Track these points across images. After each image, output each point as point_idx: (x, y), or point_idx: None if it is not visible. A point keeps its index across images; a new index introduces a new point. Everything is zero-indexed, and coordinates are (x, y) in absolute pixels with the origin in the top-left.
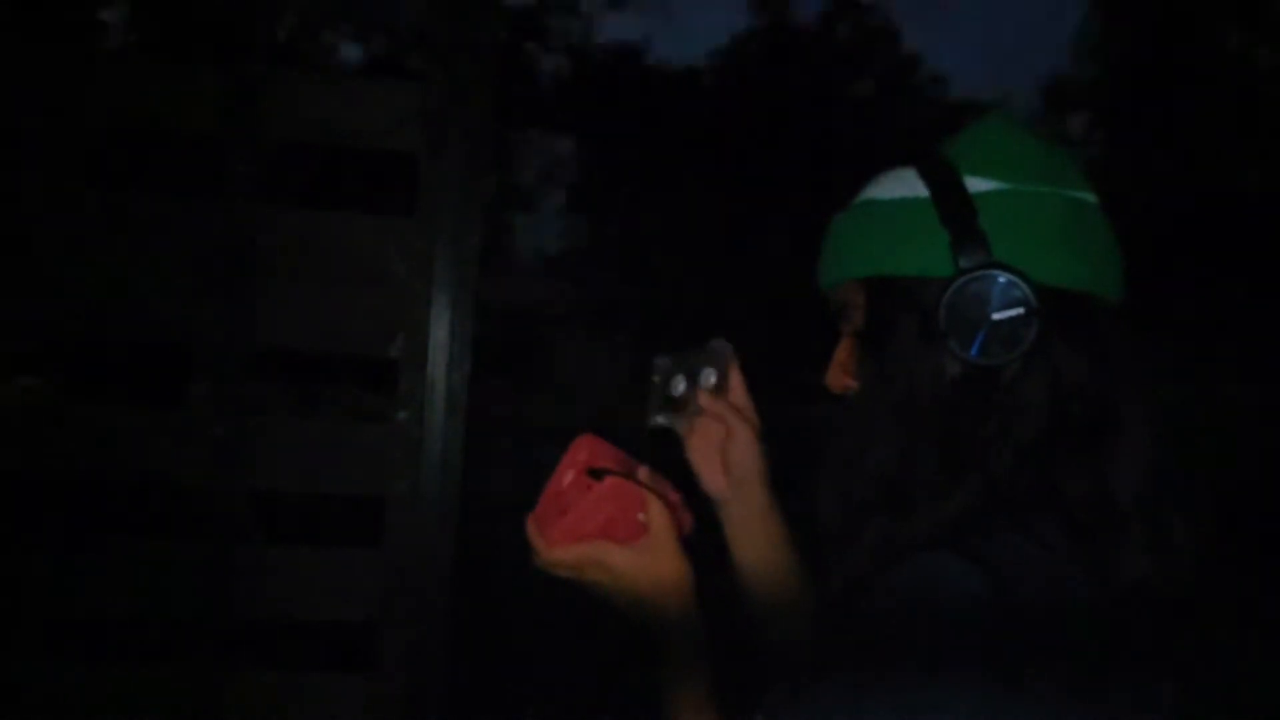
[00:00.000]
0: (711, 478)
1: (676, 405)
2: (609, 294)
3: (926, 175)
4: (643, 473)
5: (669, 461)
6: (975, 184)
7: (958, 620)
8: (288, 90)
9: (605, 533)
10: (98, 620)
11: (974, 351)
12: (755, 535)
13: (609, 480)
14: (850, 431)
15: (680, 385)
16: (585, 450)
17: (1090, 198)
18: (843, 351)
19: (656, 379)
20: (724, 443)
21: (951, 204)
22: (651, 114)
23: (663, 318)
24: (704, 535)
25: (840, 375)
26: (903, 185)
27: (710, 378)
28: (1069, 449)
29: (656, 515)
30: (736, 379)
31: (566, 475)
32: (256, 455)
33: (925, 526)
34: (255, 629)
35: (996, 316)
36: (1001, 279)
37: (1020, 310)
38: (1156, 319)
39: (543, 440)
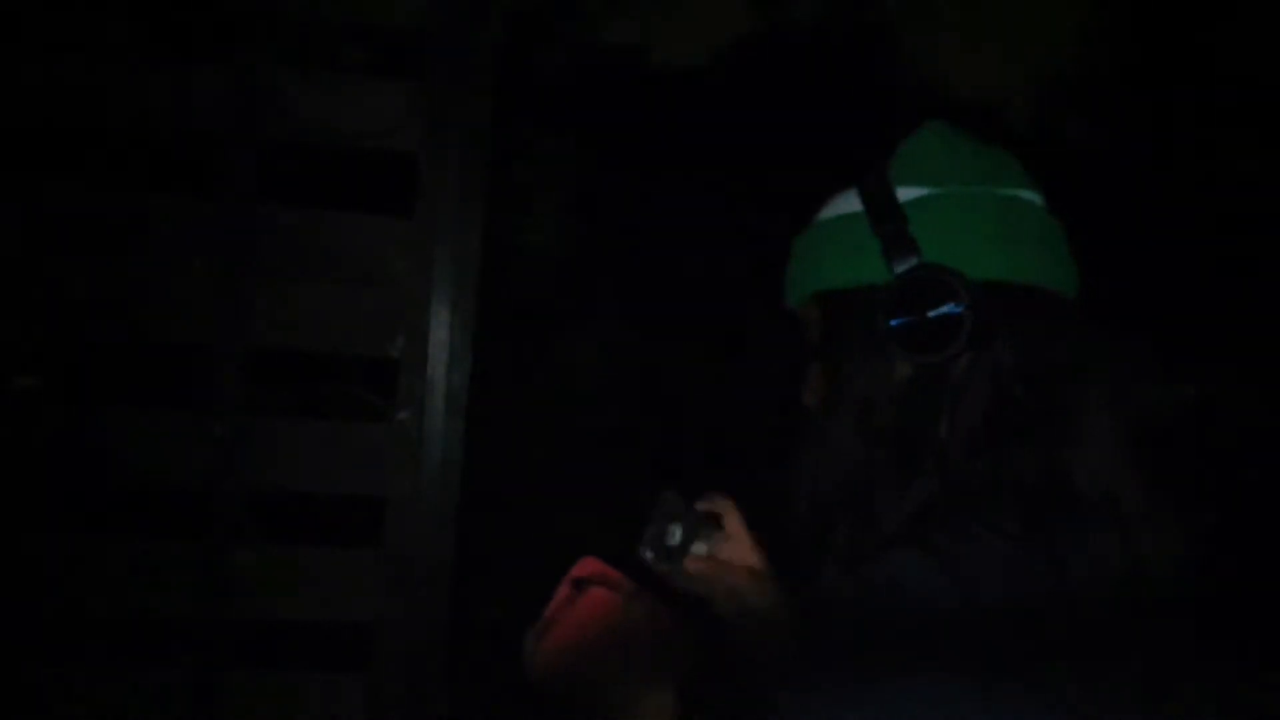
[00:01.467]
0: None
1: (669, 552)
2: (609, 294)
3: (860, 189)
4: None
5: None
6: (906, 193)
7: (920, 619)
8: (288, 90)
9: (582, 632)
10: (97, 620)
11: (916, 350)
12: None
13: (591, 589)
14: (811, 441)
15: (676, 536)
16: (580, 568)
17: (1029, 195)
18: (813, 370)
19: (656, 515)
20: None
21: (880, 213)
22: (652, 114)
23: (663, 317)
24: None
25: (810, 394)
26: (844, 204)
27: (701, 548)
28: (1017, 435)
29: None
30: (735, 527)
31: (561, 591)
32: (256, 455)
33: (888, 525)
34: (255, 629)
35: (932, 314)
36: (932, 277)
37: (952, 306)
38: (1154, 317)
39: (543, 440)
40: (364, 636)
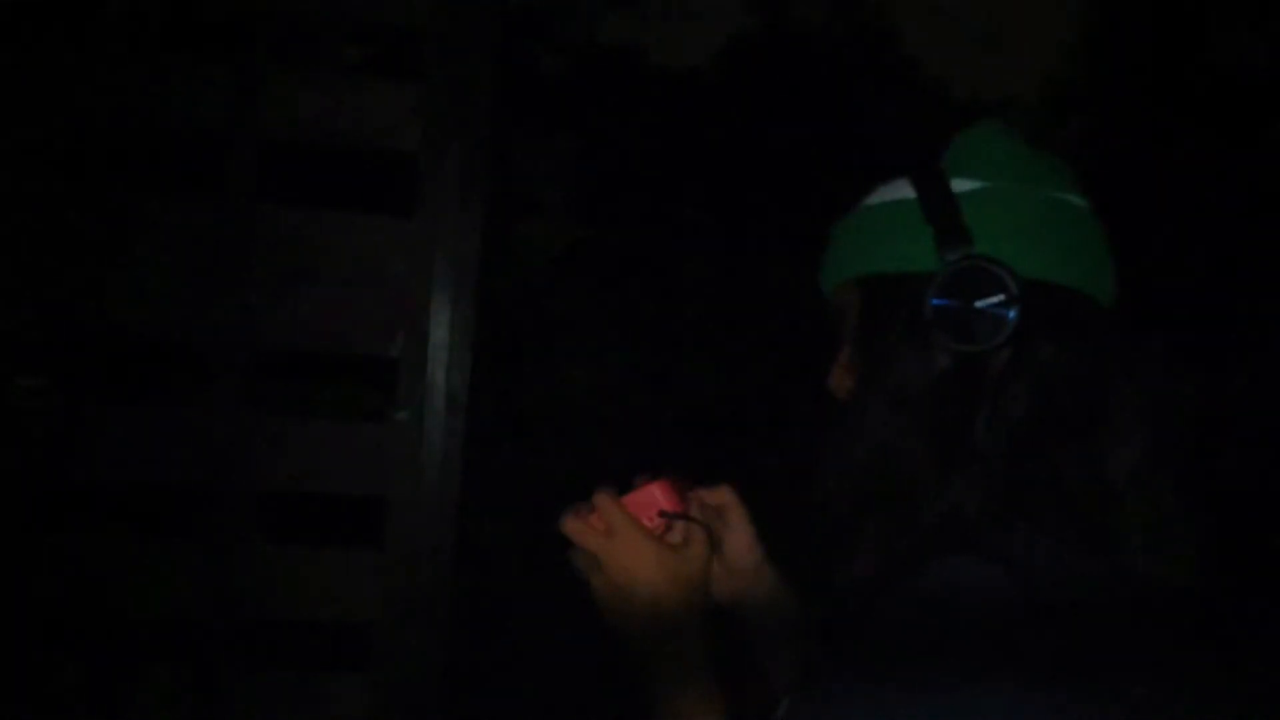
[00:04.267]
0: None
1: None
2: (609, 293)
3: (914, 178)
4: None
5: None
6: (960, 184)
7: (984, 626)
8: (288, 90)
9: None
10: (97, 620)
11: (959, 340)
12: (761, 605)
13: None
14: (843, 428)
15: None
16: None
17: (1077, 200)
18: (844, 355)
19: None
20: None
21: (935, 201)
22: (652, 114)
23: (663, 317)
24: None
25: (842, 379)
26: (894, 190)
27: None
28: (1059, 438)
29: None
30: (737, 518)
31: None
32: (256, 455)
33: (928, 519)
34: (255, 629)
35: (979, 304)
36: (982, 268)
37: (1001, 297)
38: (1153, 317)
39: (543, 440)
40: (364, 636)
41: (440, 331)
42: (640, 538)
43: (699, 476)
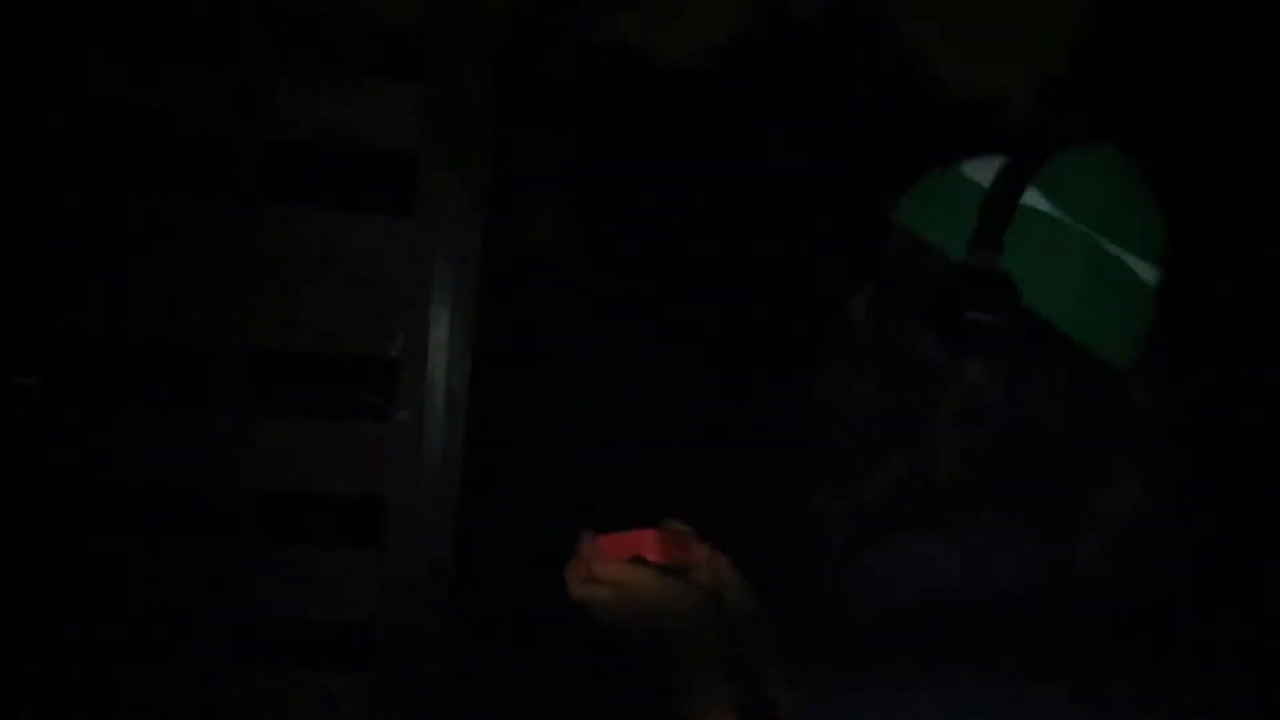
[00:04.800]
0: None
1: None
2: (609, 293)
3: (998, 173)
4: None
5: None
6: (1033, 197)
7: (947, 615)
8: (288, 90)
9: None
10: (97, 620)
11: (935, 335)
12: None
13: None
14: (839, 368)
15: None
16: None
17: (1144, 270)
18: (869, 288)
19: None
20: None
21: (995, 203)
22: (652, 114)
23: (663, 317)
24: None
25: (863, 306)
26: (981, 169)
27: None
28: (1035, 446)
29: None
30: (702, 552)
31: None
32: (256, 455)
33: (871, 495)
34: (255, 629)
35: (971, 315)
36: (990, 280)
37: (991, 318)
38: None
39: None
40: (364, 636)
41: (440, 331)
42: (643, 580)
43: (699, 528)
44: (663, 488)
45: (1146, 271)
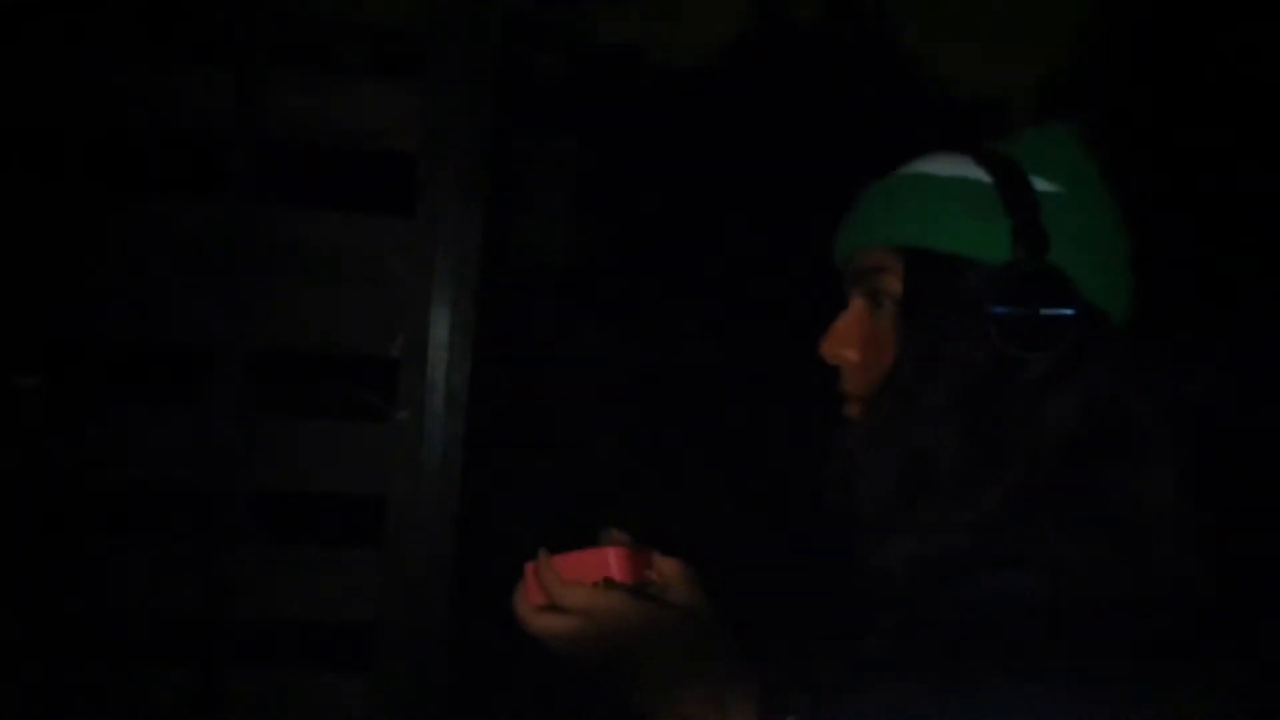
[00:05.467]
0: None
1: None
2: (609, 293)
3: (989, 163)
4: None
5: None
6: (1036, 183)
7: (1045, 640)
8: (288, 90)
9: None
10: (97, 620)
11: (1017, 342)
12: None
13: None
14: (889, 409)
15: None
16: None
17: (1123, 229)
18: (848, 320)
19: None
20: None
21: (1018, 193)
22: (652, 114)
23: (663, 316)
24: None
25: (839, 345)
26: (960, 167)
27: None
28: (1101, 455)
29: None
30: (668, 566)
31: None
32: (256, 455)
33: (968, 517)
34: (255, 629)
35: (1045, 312)
36: (1055, 277)
37: (1068, 311)
38: (1153, 316)
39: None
40: (364, 636)
41: (440, 331)
42: (617, 605)
43: (662, 540)
44: (661, 488)
45: (1123, 231)
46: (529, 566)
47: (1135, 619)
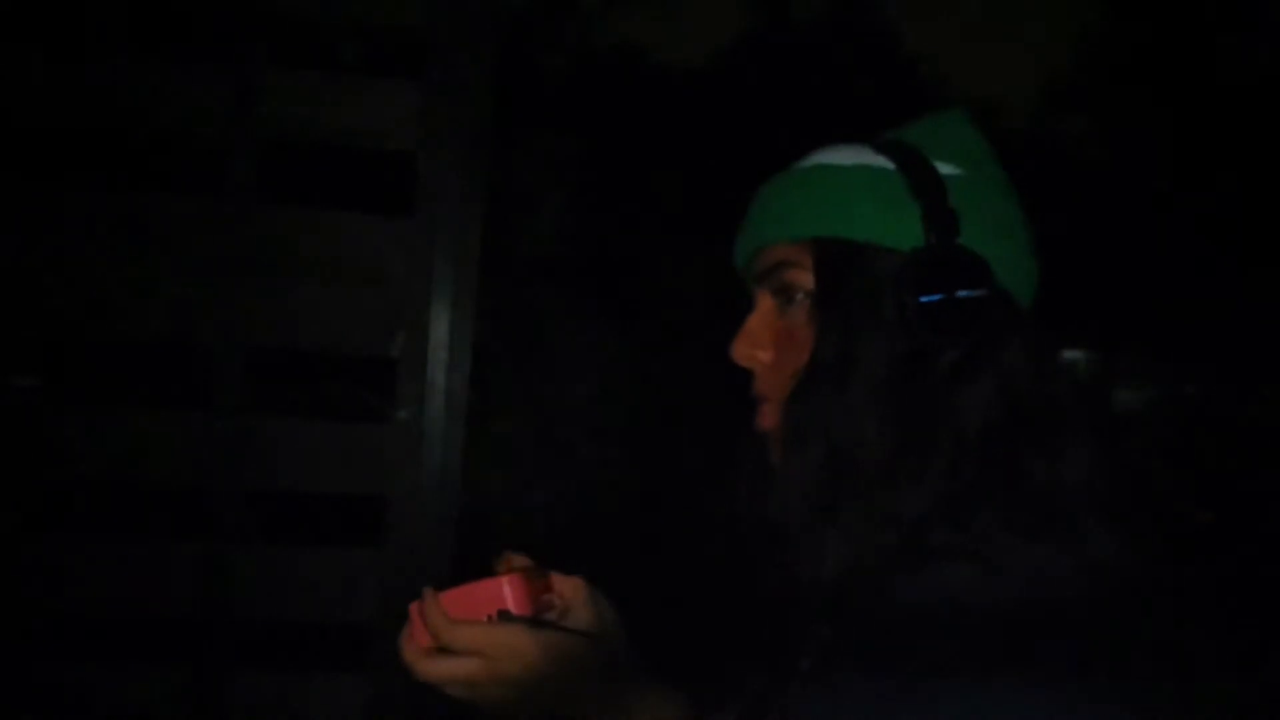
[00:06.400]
0: None
1: None
2: (608, 293)
3: (890, 150)
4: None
5: None
6: (940, 167)
7: (994, 635)
8: (287, 90)
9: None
10: (97, 620)
11: (938, 330)
12: None
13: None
14: (807, 406)
15: None
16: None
17: (1021, 213)
18: (758, 320)
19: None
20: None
21: (923, 177)
22: (652, 114)
23: (663, 317)
24: None
25: (751, 345)
26: (861, 155)
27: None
28: (1021, 445)
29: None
30: (573, 591)
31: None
32: (256, 455)
33: (907, 515)
34: (255, 629)
35: (961, 295)
36: (969, 259)
37: (983, 292)
38: (1152, 315)
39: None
40: (364, 636)
41: (440, 331)
42: (514, 641)
43: (561, 562)
44: (662, 488)
45: (1024, 215)
46: (413, 607)
47: (1075, 600)
